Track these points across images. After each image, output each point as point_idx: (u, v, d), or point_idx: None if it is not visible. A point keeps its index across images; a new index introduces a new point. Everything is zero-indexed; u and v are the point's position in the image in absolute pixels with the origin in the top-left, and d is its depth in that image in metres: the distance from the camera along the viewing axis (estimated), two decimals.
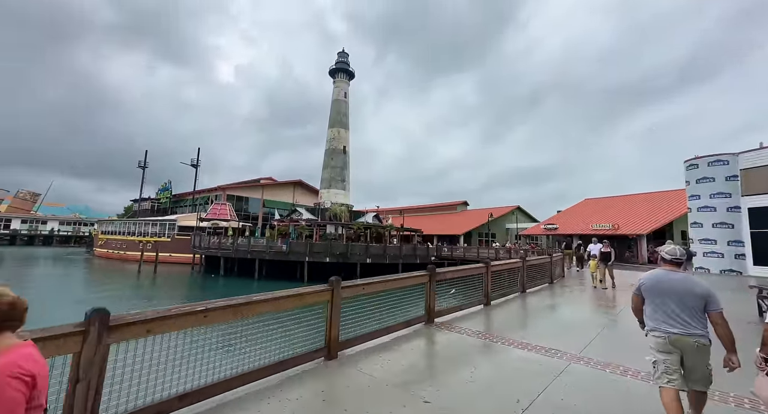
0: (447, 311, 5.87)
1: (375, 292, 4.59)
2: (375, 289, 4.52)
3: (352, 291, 4.12)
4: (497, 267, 7.41)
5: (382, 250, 25.49)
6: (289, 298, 3.41)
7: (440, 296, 6.20)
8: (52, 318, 2.73)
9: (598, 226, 30.05)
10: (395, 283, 4.89)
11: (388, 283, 4.75)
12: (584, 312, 6.86)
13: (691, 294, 2.51)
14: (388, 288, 4.81)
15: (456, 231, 44.46)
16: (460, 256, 27.85)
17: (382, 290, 4.72)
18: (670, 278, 2.63)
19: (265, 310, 3.23)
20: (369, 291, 4.41)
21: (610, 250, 10.11)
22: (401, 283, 5.03)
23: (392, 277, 4.83)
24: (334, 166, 37.86)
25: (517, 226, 39.21)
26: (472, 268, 6.58)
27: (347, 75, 42.36)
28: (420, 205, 63.15)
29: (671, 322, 2.55)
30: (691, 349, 2.45)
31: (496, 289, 7.57)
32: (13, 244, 64.13)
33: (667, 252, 2.74)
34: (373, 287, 4.47)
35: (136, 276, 26.04)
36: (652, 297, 2.70)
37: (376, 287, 4.53)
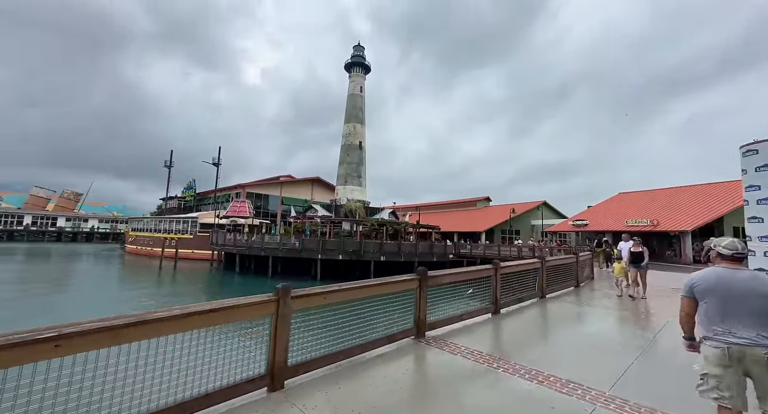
0: (443, 323, 4.91)
1: (346, 300, 3.74)
2: (344, 297, 3.66)
3: (308, 302, 3.28)
4: (509, 268, 6.34)
5: (396, 247, 24.60)
6: (214, 313, 2.63)
7: (456, 299, 5.30)
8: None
9: (633, 221, 27.55)
10: (374, 290, 4.01)
11: (364, 289, 3.88)
12: (615, 328, 5.62)
13: (761, 296, 2.13)
14: (365, 296, 3.95)
15: (477, 228, 42.74)
16: (480, 255, 26.44)
17: (355, 298, 3.87)
18: (735, 277, 2.24)
19: (179, 329, 2.47)
20: (335, 300, 3.56)
21: (642, 249, 8.10)
22: (383, 290, 4.14)
23: (368, 283, 3.95)
24: (350, 162, 37.31)
25: (542, 222, 37.00)
26: (475, 270, 5.57)
27: (363, 69, 41.59)
28: (439, 202, 61.56)
29: (734, 330, 2.16)
30: (761, 363, 2.06)
31: (508, 294, 6.50)
32: (59, 241, 69.11)
33: (726, 246, 2.35)
34: (342, 295, 3.61)
35: (158, 272, 26.75)
36: (710, 299, 2.28)
37: (346, 295, 3.67)
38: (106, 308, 14.91)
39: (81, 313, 3.43)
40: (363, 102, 40.36)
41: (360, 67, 41.31)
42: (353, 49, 42.05)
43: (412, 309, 4.58)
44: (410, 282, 4.48)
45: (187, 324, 2.46)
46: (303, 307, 3.25)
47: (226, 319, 2.73)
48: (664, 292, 9.13)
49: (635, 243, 8.25)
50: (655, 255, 25.88)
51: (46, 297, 16.84)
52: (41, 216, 71.36)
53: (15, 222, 68.39)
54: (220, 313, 2.68)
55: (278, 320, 2.98)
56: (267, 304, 2.94)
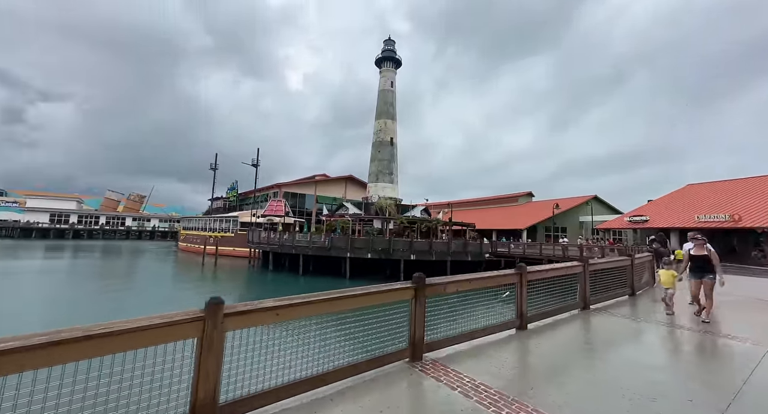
0: (448, 342, 3.99)
1: (303, 316, 3.01)
2: (307, 312, 2.93)
3: (249, 320, 2.58)
4: (538, 274, 5.21)
5: (427, 245, 23.53)
6: (109, 338, 2.04)
7: (470, 311, 4.41)
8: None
9: (707, 217, 23.72)
10: (351, 302, 3.21)
11: (338, 302, 3.11)
12: (681, 362, 4.27)
13: None
14: (339, 310, 3.19)
15: (518, 225, 39.98)
16: (520, 254, 24.42)
17: (328, 313, 3.13)
18: None
19: (60, 360, 1.90)
20: (293, 317, 2.85)
21: (706, 252, 5.83)
22: (365, 301, 3.34)
23: (344, 294, 3.16)
24: (381, 159, 36.74)
25: (592, 218, 33.50)
26: (491, 276, 4.54)
27: (394, 63, 40.75)
28: (477, 198, 58.86)
29: None
30: None
31: (538, 306, 5.37)
32: (128, 238, 77.40)
33: None
34: (303, 311, 2.88)
35: (201, 269, 28.37)
36: None
37: (310, 310, 2.94)
38: (145, 302, 15.84)
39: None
40: (394, 97, 39.55)
41: (390, 61, 40.52)
42: (383, 44, 41.37)
43: (407, 325, 3.75)
44: (403, 291, 3.64)
45: (70, 353, 1.88)
46: (243, 326, 2.57)
47: (130, 344, 2.13)
48: (751, 305, 7.24)
49: (697, 243, 5.99)
50: (736, 256, 22.00)
51: (118, 293, 18.38)
52: (113, 216, 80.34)
53: (93, 222, 77.72)
54: (121, 338, 2.08)
55: (204, 346, 2.34)
56: (187, 326, 2.30)
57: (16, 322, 11.26)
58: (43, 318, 12.24)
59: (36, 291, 17.62)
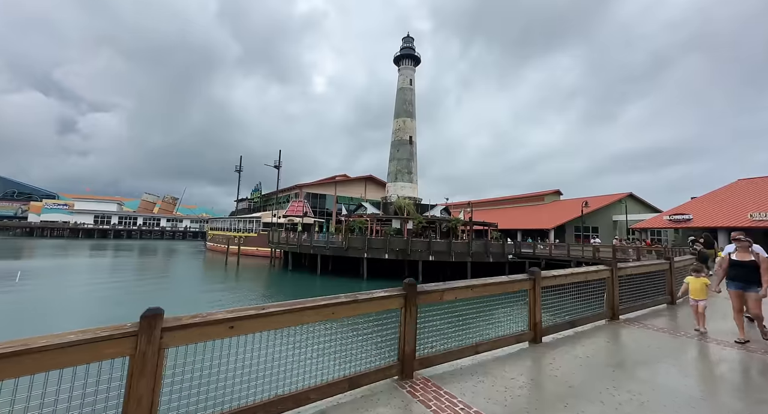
0: (444, 357, 3.50)
1: (264, 329, 2.63)
2: (270, 325, 2.54)
3: (193, 335, 2.23)
4: (554, 280, 4.58)
5: (446, 246, 22.77)
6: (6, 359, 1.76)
7: (473, 320, 3.94)
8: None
9: (762, 215, 21.31)
10: (324, 312, 2.81)
11: (305, 313, 2.69)
12: (733, 391, 3.53)
13: None
14: (312, 321, 2.79)
15: (544, 225, 38.11)
16: (545, 255, 23.11)
17: (300, 324, 2.75)
18: None
19: None
20: (252, 331, 2.47)
21: (753, 257, 4.65)
22: (345, 312, 2.93)
23: (317, 303, 2.76)
24: (400, 158, 36.23)
25: (626, 217, 31.22)
26: (497, 283, 3.98)
27: (413, 60, 40.10)
28: (501, 197, 56.87)
29: None
30: None
31: (557, 315, 4.74)
32: (162, 238, 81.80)
33: None
34: (265, 323, 2.49)
35: (224, 268, 29.17)
36: None
37: (273, 323, 2.55)
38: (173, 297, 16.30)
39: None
40: (413, 95, 38.91)
41: (409, 59, 39.90)
42: (402, 42, 40.81)
43: (396, 337, 3.30)
44: (390, 300, 3.19)
45: None
46: (189, 342, 2.23)
47: (49, 364, 1.84)
48: None
49: (740, 246, 4.78)
50: None
51: (152, 289, 19.23)
52: (149, 218, 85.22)
53: (131, 223, 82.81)
54: (37, 357, 1.79)
55: (136, 366, 2.02)
56: (116, 342, 1.99)
57: (58, 320, 11.86)
58: (81, 315, 12.85)
59: (83, 288, 18.67)
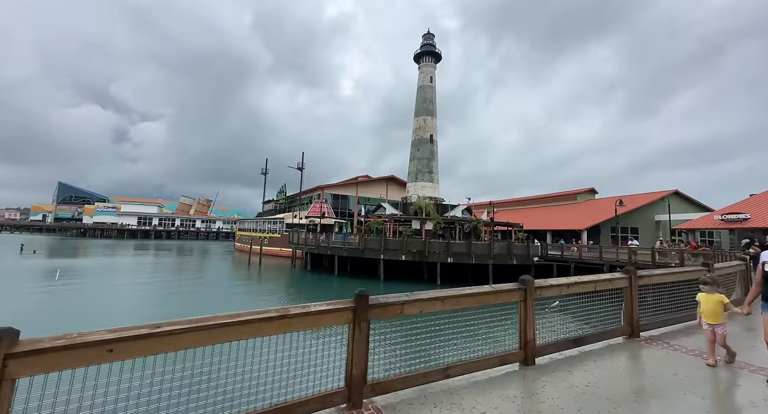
0: (409, 381, 2.97)
1: (155, 353, 2.23)
2: (149, 349, 2.08)
3: (60, 361, 1.88)
4: (550, 290, 3.88)
5: (466, 247, 21.81)
6: None
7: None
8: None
9: None
10: (238, 331, 2.39)
11: (205, 333, 2.17)
12: None
13: None
14: (218, 341, 2.35)
15: (576, 225, 35.72)
16: (575, 258, 21.47)
17: (207, 344, 2.35)
18: None
19: None
20: (133, 356, 2.07)
21: None
22: (269, 329, 2.49)
23: (229, 319, 2.33)
24: (421, 158, 35.50)
25: (669, 217, 28.41)
26: (481, 293, 3.38)
27: (433, 57, 39.25)
28: (529, 197, 54.27)
29: None
30: None
31: (559, 331, 4.04)
32: (197, 238, 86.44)
33: None
34: (156, 345, 2.08)
35: (247, 268, 29.99)
36: None
37: (156, 345, 2.07)
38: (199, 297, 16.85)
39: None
40: (434, 93, 38.05)
41: (430, 56, 39.08)
42: (422, 39, 40.07)
43: (345, 358, 2.83)
44: (334, 314, 2.73)
45: None
46: (46, 370, 1.82)
47: None
48: None
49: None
50: None
51: (176, 289, 20.17)
52: (186, 219, 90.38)
53: (170, 224, 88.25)
54: None
55: None
56: None
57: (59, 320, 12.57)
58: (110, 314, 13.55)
59: (113, 287, 19.89)
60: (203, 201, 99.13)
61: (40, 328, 9.67)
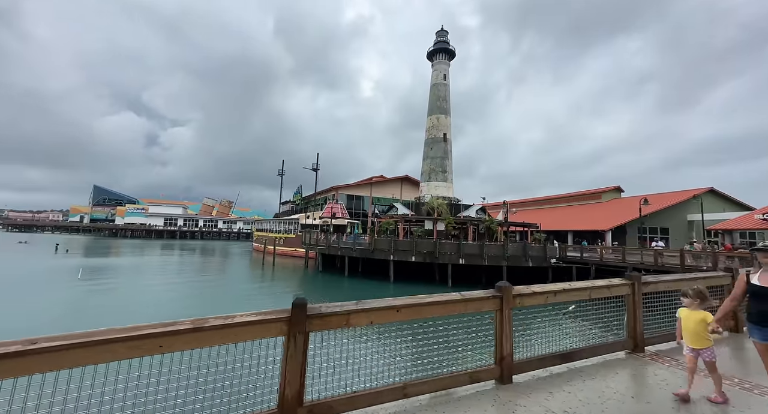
0: (351, 403, 2.66)
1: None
2: (17, 369, 1.92)
3: None
4: (532, 298, 3.45)
5: (478, 249, 21.09)
6: None
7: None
8: None
9: None
10: (123, 351, 2.15)
11: (88, 350, 1.86)
12: None
13: None
14: (98, 361, 2.13)
15: (600, 226, 33.95)
16: (595, 260, 20.29)
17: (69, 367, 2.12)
18: None
19: None
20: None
21: None
22: (181, 342, 2.23)
23: (102, 336, 2.06)
24: (434, 157, 34.86)
25: (702, 216, 26.39)
26: (443, 302, 3.02)
27: (447, 55, 38.51)
28: (550, 196, 52.29)
29: None
30: None
31: (547, 343, 3.60)
32: (219, 239, 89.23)
33: None
34: (11, 366, 1.90)
35: (261, 267, 30.46)
36: None
37: (25, 366, 1.82)
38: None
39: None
40: (447, 91, 37.32)
41: (443, 53, 38.37)
42: (436, 36, 39.39)
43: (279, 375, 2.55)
44: (264, 326, 2.43)
45: None
46: None
47: None
48: None
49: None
50: None
51: (187, 290, 20.76)
52: (209, 220, 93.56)
53: (194, 224, 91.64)
54: None
55: None
56: None
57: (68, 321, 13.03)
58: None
59: (135, 286, 20.69)
60: (225, 202, 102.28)
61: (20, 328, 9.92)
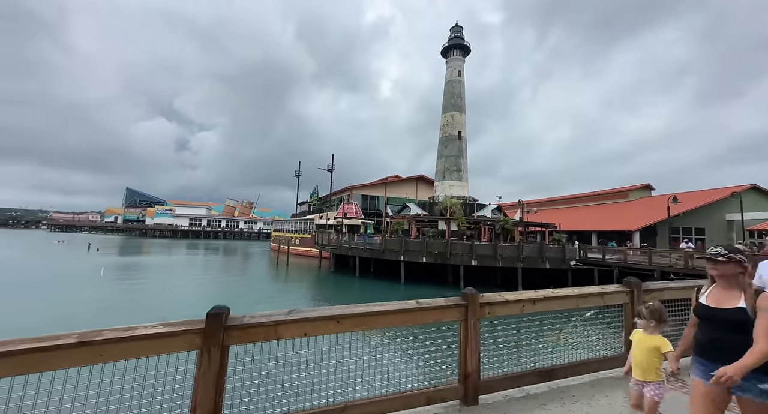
0: None
1: None
2: None
3: None
4: (504, 307, 2.99)
5: (491, 249, 20.27)
6: None
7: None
8: None
9: None
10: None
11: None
12: None
13: None
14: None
15: (627, 226, 32.01)
16: (619, 263, 18.98)
17: None
18: None
19: None
20: None
21: (742, 301, 1.81)
22: (66, 360, 2.01)
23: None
24: (448, 156, 34.08)
25: (742, 215, 24.20)
26: (394, 311, 2.63)
27: (462, 51, 37.61)
28: (575, 195, 50.02)
29: None
30: None
31: (520, 360, 3.14)
32: (240, 238, 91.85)
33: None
34: None
35: (276, 267, 30.84)
36: None
37: None
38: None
39: None
40: (462, 87, 36.42)
41: (458, 49, 37.49)
42: (450, 32, 38.60)
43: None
44: (172, 339, 2.13)
45: None
46: None
47: None
48: None
49: (721, 273, 1.94)
50: None
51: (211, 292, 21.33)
52: (231, 220, 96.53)
53: (217, 224, 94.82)
54: None
55: None
56: None
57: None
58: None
59: (154, 284, 21.45)
60: (246, 203, 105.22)
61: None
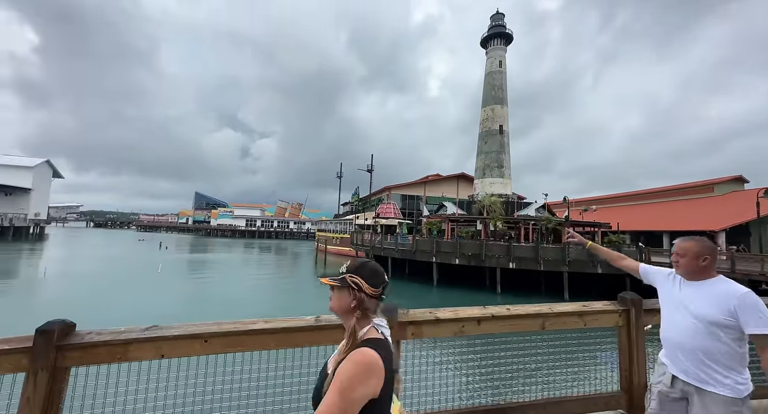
0: None
1: None
2: None
3: None
4: (435, 327, 2.31)
5: (532, 251, 18.44)
6: None
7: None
8: None
9: None
10: None
11: None
12: None
13: None
14: None
15: (709, 225, 27.20)
16: None
17: None
18: None
19: None
20: None
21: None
22: None
23: None
24: (488, 152, 32.10)
25: None
26: (255, 330, 2.14)
27: (503, 40, 35.26)
28: (644, 190, 44.08)
29: None
30: None
31: (457, 394, 2.44)
32: (291, 238, 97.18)
33: None
34: None
35: (314, 266, 31.77)
36: None
37: None
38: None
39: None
40: (503, 78, 34.10)
41: (499, 38, 35.21)
42: (490, 20, 36.40)
43: None
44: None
45: None
46: None
47: None
48: None
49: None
50: None
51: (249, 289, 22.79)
52: (281, 221, 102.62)
53: (269, 225, 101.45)
54: None
55: None
56: None
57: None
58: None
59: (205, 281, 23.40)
60: (295, 204, 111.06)
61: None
